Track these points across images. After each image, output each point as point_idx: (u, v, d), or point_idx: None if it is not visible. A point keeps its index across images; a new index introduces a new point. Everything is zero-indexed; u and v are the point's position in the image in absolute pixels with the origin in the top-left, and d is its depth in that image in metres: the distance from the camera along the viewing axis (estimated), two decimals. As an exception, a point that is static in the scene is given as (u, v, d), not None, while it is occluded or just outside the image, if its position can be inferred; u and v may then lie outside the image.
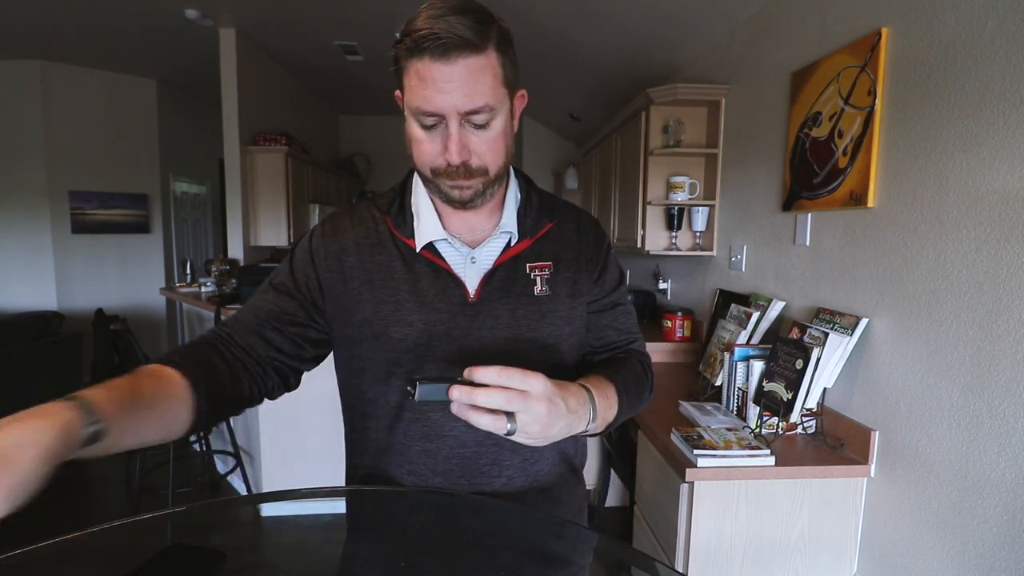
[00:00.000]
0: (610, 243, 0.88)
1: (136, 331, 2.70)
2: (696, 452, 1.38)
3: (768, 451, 1.39)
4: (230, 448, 2.81)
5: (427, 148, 0.68)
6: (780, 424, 1.54)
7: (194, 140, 5.57)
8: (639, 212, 2.65)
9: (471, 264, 0.77)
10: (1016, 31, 1.05)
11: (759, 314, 1.86)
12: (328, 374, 0.86)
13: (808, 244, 1.73)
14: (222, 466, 3.13)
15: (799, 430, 1.59)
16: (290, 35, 3.92)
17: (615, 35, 2.85)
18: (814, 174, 1.66)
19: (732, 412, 1.75)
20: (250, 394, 0.73)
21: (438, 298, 0.75)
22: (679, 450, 1.46)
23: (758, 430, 1.57)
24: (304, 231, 4.38)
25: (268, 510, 1.33)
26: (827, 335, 1.49)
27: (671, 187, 2.50)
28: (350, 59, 4.38)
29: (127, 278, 4.99)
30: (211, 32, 3.71)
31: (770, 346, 1.64)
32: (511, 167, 0.81)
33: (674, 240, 2.60)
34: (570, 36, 3.09)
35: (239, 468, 2.77)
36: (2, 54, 4.26)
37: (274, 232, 4.14)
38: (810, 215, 1.72)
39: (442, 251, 0.77)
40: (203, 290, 3.52)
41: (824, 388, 1.54)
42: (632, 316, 0.88)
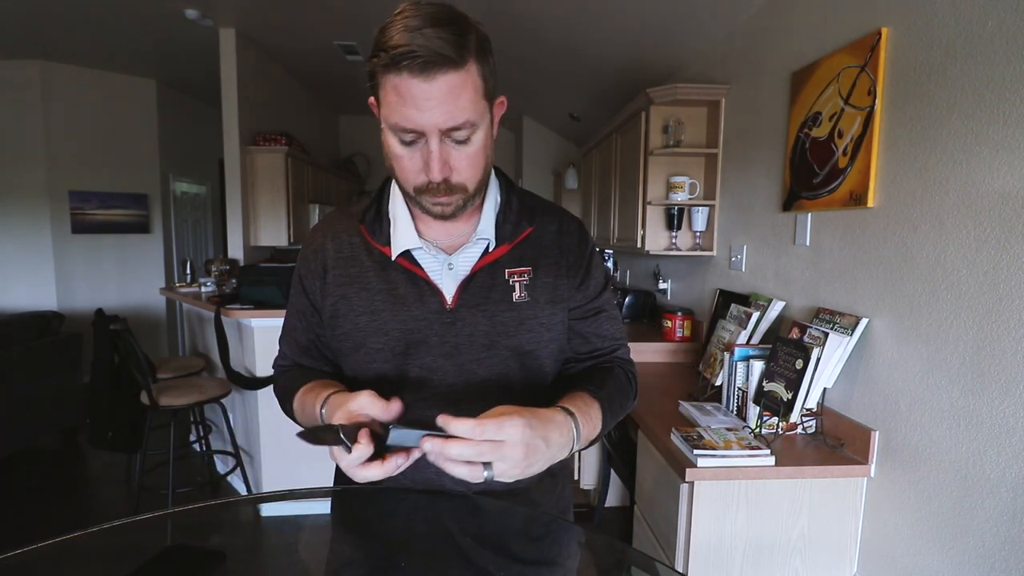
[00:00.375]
0: (594, 246, 0.86)
1: (136, 331, 2.70)
2: (696, 452, 1.38)
3: (768, 451, 1.39)
4: (230, 448, 2.81)
5: (407, 165, 0.67)
6: (780, 424, 1.54)
7: (194, 140, 5.57)
8: (639, 212, 2.65)
9: (448, 271, 0.76)
10: (1016, 31, 1.05)
11: (759, 314, 1.86)
12: (328, 374, 0.86)
13: (808, 244, 1.73)
14: (222, 466, 3.13)
15: (799, 430, 1.59)
16: (290, 35, 3.92)
17: (615, 35, 2.85)
18: (814, 174, 1.66)
19: (732, 412, 1.75)
20: None
21: (415, 306, 0.75)
22: (679, 450, 1.46)
23: (758, 430, 1.57)
24: (304, 231, 4.39)
25: (268, 510, 1.33)
26: (827, 335, 1.49)
27: (671, 187, 2.50)
28: (350, 59, 4.38)
29: (127, 278, 4.99)
30: (211, 32, 3.71)
31: (770, 346, 1.64)
32: (493, 167, 0.80)
33: (674, 240, 2.60)
34: (570, 36, 3.09)
35: (239, 468, 2.77)
36: (2, 54, 4.26)
37: (274, 232, 4.14)
38: (810, 215, 1.72)
39: (419, 258, 0.76)
40: (203, 290, 3.52)
41: (824, 388, 1.54)
42: (617, 321, 0.87)
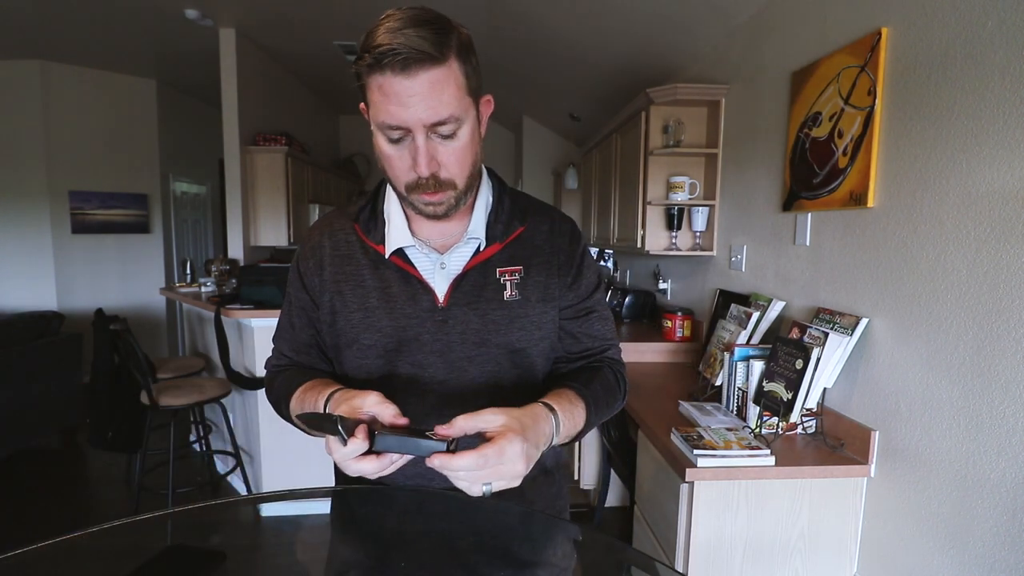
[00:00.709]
0: (587, 247, 0.87)
1: (136, 331, 2.70)
2: (696, 452, 1.38)
3: (768, 451, 1.39)
4: (230, 448, 2.81)
5: (397, 164, 0.68)
6: (780, 424, 1.54)
7: (194, 140, 5.57)
8: (639, 212, 2.65)
9: (440, 270, 0.77)
10: (1016, 31, 1.05)
11: (759, 314, 1.86)
12: (327, 374, 0.86)
13: (808, 244, 1.73)
14: (222, 466, 3.13)
15: (799, 430, 1.59)
16: (290, 35, 3.92)
17: (615, 35, 2.85)
18: (814, 174, 1.66)
19: (732, 412, 1.75)
20: None
21: (408, 304, 0.76)
22: (679, 450, 1.46)
23: (758, 430, 1.57)
24: (304, 231, 4.39)
25: (268, 510, 1.33)
26: (827, 335, 1.49)
27: (671, 187, 2.50)
28: (350, 59, 4.38)
29: (127, 278, 4.99)
30: (211, 32, 3.71)
31: (770, 346, 1.64)
32: (485, 168, 0.81)
33: (674, 240, 2.60)
34: (570, 36, 3.09)
35: (239, 468, 2.78)
36: (2, 54, 4.26)
37: (274, 232, 4.14)
38: (810, 215, 1.72)
39: (411, 257, 0.77)
40: (203, 290, 3.52)
41: (824, 388, 1.54)
42: (608, 322, 0.87)
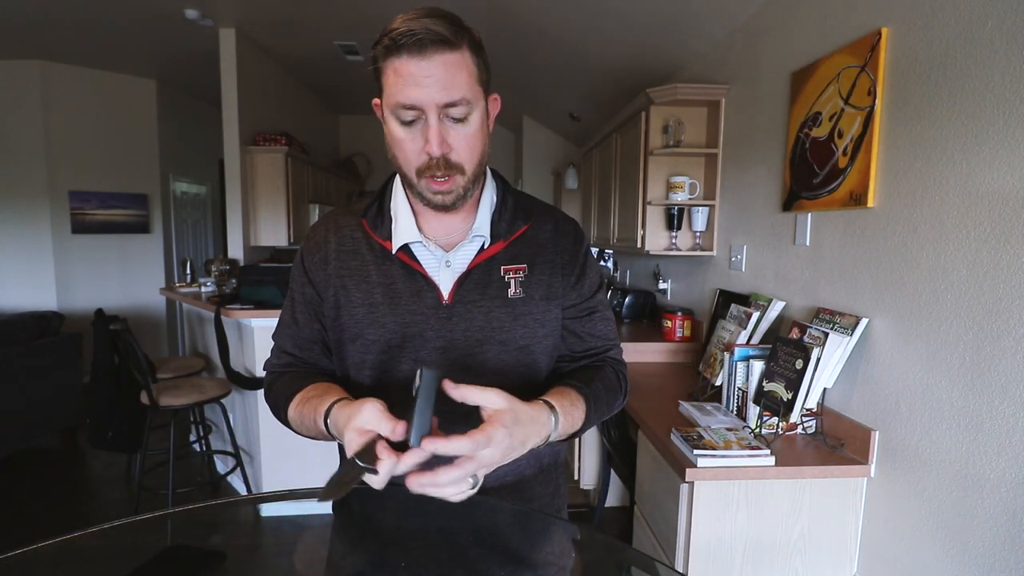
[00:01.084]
0: (589, 247, 0.87)
1: (136, 331, 2.70)
2: (696, 452, 1.38)
3: (768, 451, 1.39)
4: (230, 448, 2.81)
5: (408, 147, 0.69)
6: (780, 424, 1.54)
7: (194, 140, 5.57)
8: (639, 212, 2.65)
9: (445, 267, 0.77)
10: (1016, 31, 1.05)
11: (759, 314, 1.86)
12: (327, 374, 0.86)
13: (808, 244, 1.73)
14: (222, 466, 3.13)
15: (799, 430, 1.59)
16: (290, 35, 3.92)
17: (615, 35, 2.85)
18: (814, 174, 1.66)
19: (732, 412, 1.75)
20: None
21: (412, 300, 0.76)
22: (679, 450, 1.46)
23: (758, 430, 1.57)
24: (304, 231, 4.39)
25: (268, 510, 1.33)
26: (827, 335, 1.49)
27: (671, 187, 2.50)
28: (350, 59, 4.38)
29: (127, 278, 4.99)
30: (211, 32, 3.71)
31: (770, 346, 1.64)
32: (489, 168, 0.82)
33: (674, 240, 2.60)
34: (570, 36, 3.09)
35: (239, 468, 2.78)
36: (2, 54, 4.26)
37: (274, 232, 4.14)
38: (810, 215, 1.72)
39: (417, 254, 0.78)
40: (203, 290, 3.52)
41: (824, 388, 1.54)
42: (610, 322, 0.88)
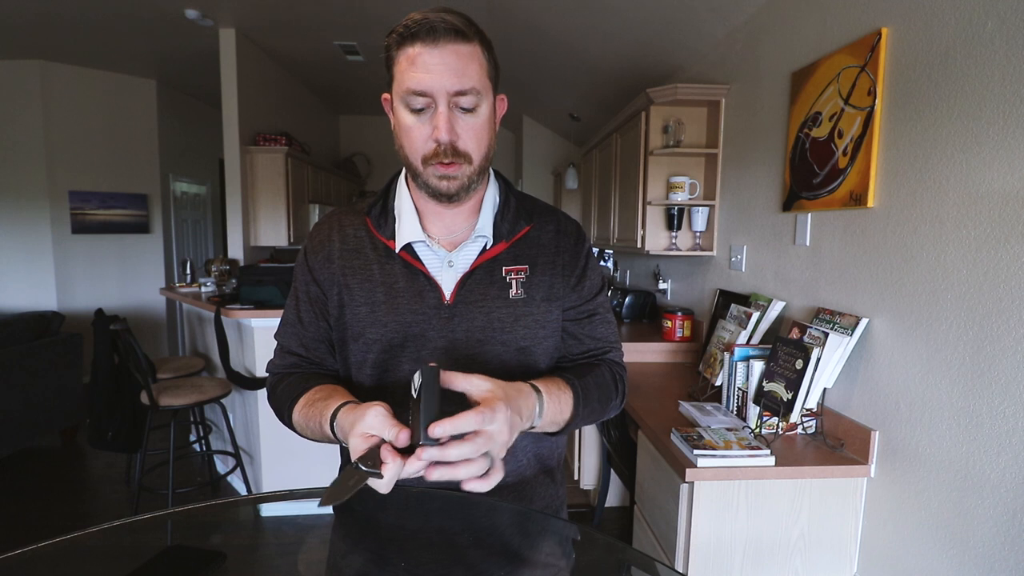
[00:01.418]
0: (591, 249, 0.87)
1: (136, 331, 2.70)
2: (696, 452, 1.38)
3: (768, 451, 1.39)
4: (230, 448, 2.81)
5: (416, 135, 0.69)
6: (780, 424, 1.54)
7: (194, 140, 5.57)
8: (639, 212, 2.65)
9: (448, 267, 0.77)
10: (1016, 31, 1.05)
11: (759, 314, 1.86)
12: (327, 374, 0.86)
13: (808, 244, 1.73)
14: (222, 466, 3.13)
15: (799, 430, 1.59)
16: (290, 35, 3.92)
17: (615, 35, 2.85)
18: (814, 174, 1.66)
19: (732, 412, 1.75)
20: None
21: (414, 300, 0.76)
22: (679, 450, 1.46)
23: (758, 430, 1.57)
24: (304, 231, 4.39)
25: (268, 510, 1.33)
26: (827, 335, 1.49)
27: (671, 187, 2.50)
28: (350, 59, 4.38)
29: (127, 278, 4.99)
30: (211, 32, 3.71)
31: (770, 346, 1.64)
32: (492, 169, 0.82)
33: (674, 240, 2.60)
34: (570, 36, 3.09)
35: (239, 468, 2.78)
36: (2, 54, 4.26)
37: (274, 232, 4.14)
38: (810, 215, 1.72)
39: (420, 253, 0.78)
40: (203, 290, 3.52)
41: (824, 388, 1.54)
42: (610, 325, 0.87)
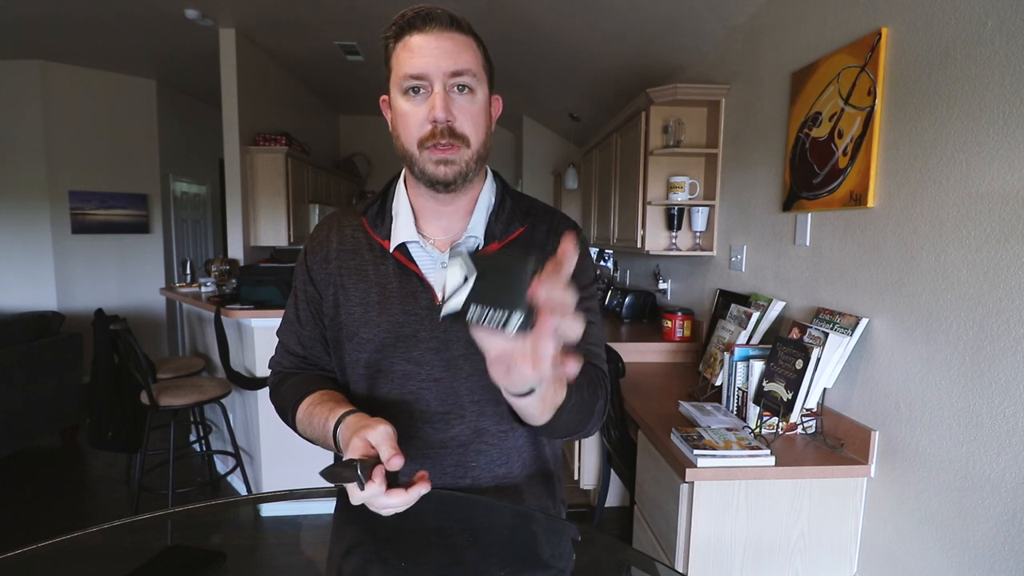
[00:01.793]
0: (586, 250, 0.84)
1: (136, 331, 2.70)
2: (696, 452, 1.38)
3: (768, 451, 1.39)
4: (230, 448, 2.81)
5: (412, 119, 0.70)
6: (780, 424, 1.54)
7: (194, 140, 5.57)
8: (639, 212, 2.65)
9: (441, 268, 0.78)
10: (1016, 31, 1.05)
11: (759, 314, 1.86)
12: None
13: (808, 244, 1.73)
14: (222, 466, 3.13)
15: (799, 430, 1.59)
16: (290, 35, 3.92)
17: (615, 35, 2.85)
18: (814, 174, 1.66)
19: (732, 412, 1.75)
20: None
21: (407, 300, 0.76)
22: (679, 450, 1.46)
23: (758, 430, 1.57)
24: (304, 231, 4.39)
25: (268, 510, 1.33)
26: (827, 335, 1.49)
27: (671, 187, 2.50)
28: (350, 59, 4.38)
29: (127, 278, 4.99)
30: (211, 32, 3.71)
31: (770, 346, 1.64)
32: (489, 169, 0.82)
33: (674, 240, 2.60)
34: (570, 36, 3.09)
35: (239, 468, 2.77)
36: (2, 54, 4.26)
37: (274, 232, 4.14)
38: (810, 215, 1.72)
39: (414, 254, 0.78)
40: (203, 290, 3.52)
41: (824, 388, 1.54)
42: (596, 327, 0.81)
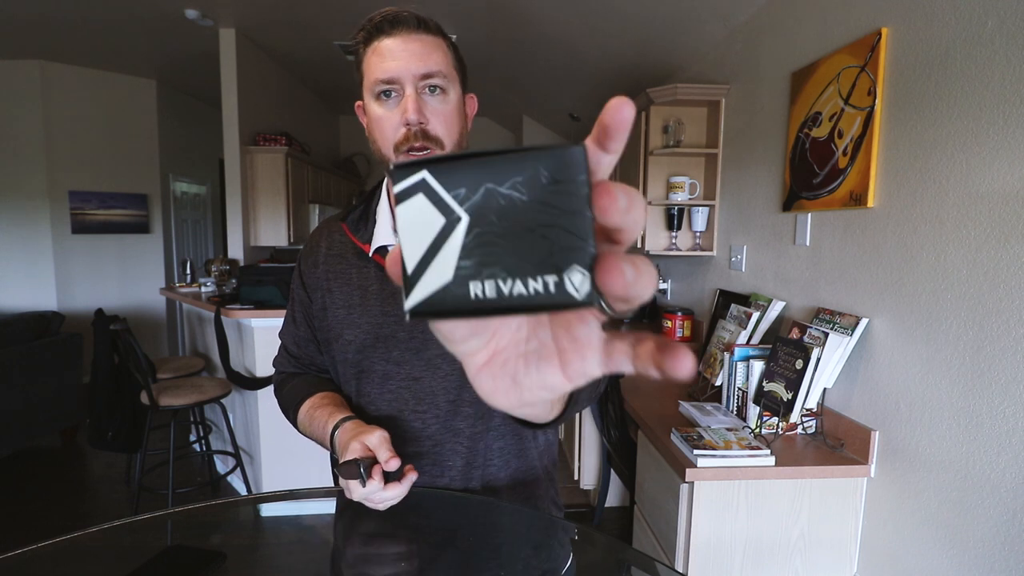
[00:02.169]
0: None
1: (136, 331, 2.70)
2: (696, 452, 1.38)
3: (768, 451, 1.39)
4: (230, 448, 2.81)
5: (386, 123, 0.71)
6: (780, 424, 1.54)
7: (194, 140, 5.57)
8: (639, 212, 2.64)
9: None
10: (1016, 31, 1.05)
11: (759, 314, 1.86)
12: (327, 374, 0.86)
13: (808, 244, 1.73)
14: (222, 466, 3.13)
15: (799, 430, 1.59)
16: (290, 35, 3.92)
17: (615, 35, 2.85)
18: (814, 174, 1.66)
19: (732, 412, 1.75)
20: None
21: (387, 302, 0.78)
22: (679, 450, 1.46)
23: (758, 430, 1.57)
24: (304, 231, 4.39)
25: (268, 510, 1.33)
26: (827, 335, 1.49)
27: (671, 187, 2.50)
28: (350, 59, 4.38)
29: (127, 278, 4.99)
30: (211, 32, 3.71)
31: (770, 346, 1.64)
32: None
33: (674, 240, 2.60)
34: (570, 37, 3.09)
35: (239, 468, 2.78)
36: (2, 54, 4.26)
37: (274, 232, 4.14)
38: (810, 215, 1.72)
39: None
40: (203, 290, 3.52)
41: (824, 388, 1.54)
42: None
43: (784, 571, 1.44)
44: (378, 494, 0.63)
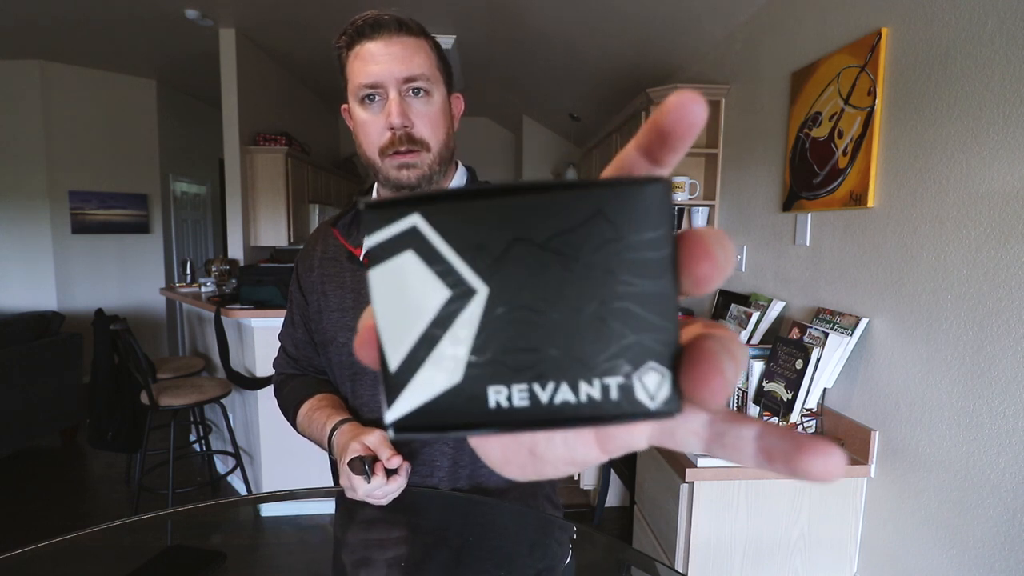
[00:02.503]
0: None
1: (136, 331, 2.70)
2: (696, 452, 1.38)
3: (768, 451, 1.39)
4: (230, 448, 2.81)
5: (371, 128, 0.71)
6: (780, 424, 1.54)
7: (194, 140, 5.56)
8: (639, 212, 2.64)
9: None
10: (1016, 31, 1.05)
11: (759, 314, 1.86)
12: (327, 374, 0.86)
13: (808, 244, 1.73)
14: (222, 466, 3.13)
15: (799, 430, 1.59)
16: (290, 35, 3.92)
17: (615, 35, 2.85)
18: (814, 174, 1.66)
19: (732, 412, 1.75)
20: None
21: None
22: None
23: (758, 430, 1.56)
24: (304, 231, 4.39)
25: (268, 510, 1.33)
26: (827, 335, 1.49)
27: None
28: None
29: (127, 278, 4.99)
30: (211, 32, 3.71)
31: (770, 346, 1.64)
32: (465, 167, 0.83)
33: (674, 240, 2.60)
34: (570, 37, 3.09)
35: (239, 468, 2.77)
36: (2, 54, 4.26)
37: (274, 232, 4.14)
38: (810, 215, 1.72)
39: None
40: (203, 290, 3.52)
41: (824, 388, 1.54)
42: None
43: (784, 571, 1.44)
44: (380, 489, 0.66)
